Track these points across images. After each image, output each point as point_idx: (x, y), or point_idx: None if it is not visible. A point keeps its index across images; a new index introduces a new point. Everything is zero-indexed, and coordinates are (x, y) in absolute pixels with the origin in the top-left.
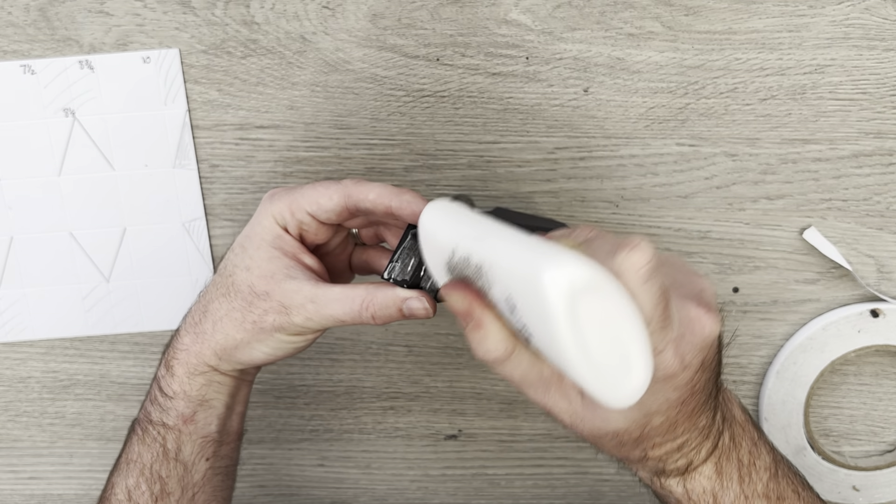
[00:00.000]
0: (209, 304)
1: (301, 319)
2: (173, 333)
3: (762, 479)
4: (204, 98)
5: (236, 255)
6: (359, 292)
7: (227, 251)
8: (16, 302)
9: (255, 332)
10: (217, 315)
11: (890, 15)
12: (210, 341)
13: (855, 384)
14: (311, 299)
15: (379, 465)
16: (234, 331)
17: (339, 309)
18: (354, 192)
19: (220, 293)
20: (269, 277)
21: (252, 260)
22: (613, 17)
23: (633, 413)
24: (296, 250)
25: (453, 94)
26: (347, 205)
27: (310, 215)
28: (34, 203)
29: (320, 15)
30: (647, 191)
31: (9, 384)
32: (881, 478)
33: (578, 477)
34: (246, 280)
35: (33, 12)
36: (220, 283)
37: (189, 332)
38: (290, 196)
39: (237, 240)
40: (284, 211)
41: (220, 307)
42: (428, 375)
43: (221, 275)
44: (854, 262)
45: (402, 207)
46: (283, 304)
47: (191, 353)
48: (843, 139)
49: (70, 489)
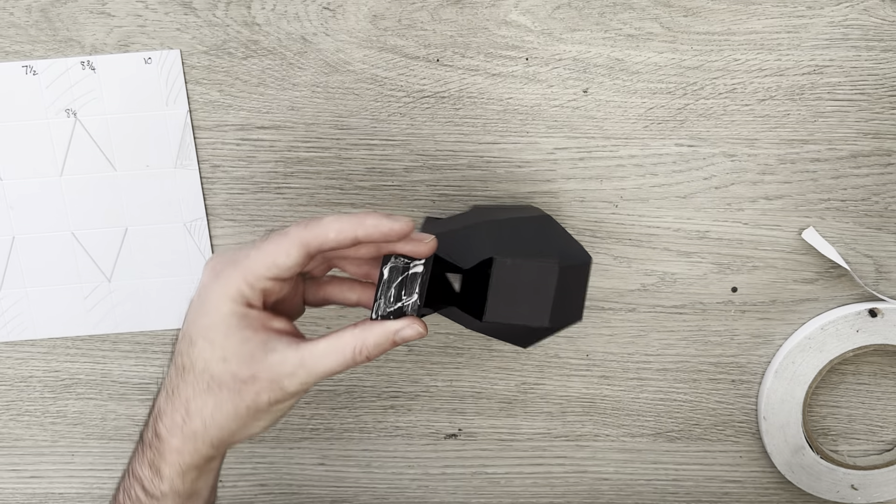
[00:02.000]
0: (189, 404)
1: (295, 387)
2: (147, 433)
3: None
4: (205, 98)
5: (202, 349)
6: (347, 340)
7: (182, 343)
8: (18, 301)
9: (251, 415)
10: (205, 413)
11: (888, 16)
12: (204, 438)
13: (853, 383)
14: (300, 364)
15: (379, 464)
16: (229, 422)
17: (331, 363)
18: (310, 238)
19: (199, 389)
20: (249, 360)
21: (225, 350)
22: (613, 19)
23: None
24: (264, 321)
25: (453, 94)
26: (309, 252)
27: (270, 280)
28: (36, 203)
29: (321, 16)
30: (646, 191)
31: (10, 383)
32: (879, 477)
33: (577, 476)
34: (226, 371)
35: (35, 13)
36: (195, 379)
37: (175, 434)
38: (242, 267)
39: (192, 330)
40: (242, 287)
41: (205, 404)
42: (428, 375)
43: (192, 371)
44: (852, 261)
45: (370, 234)
46: (273, 380)
47: (184, 454)
48: (842, 139)
49: (72, 488)
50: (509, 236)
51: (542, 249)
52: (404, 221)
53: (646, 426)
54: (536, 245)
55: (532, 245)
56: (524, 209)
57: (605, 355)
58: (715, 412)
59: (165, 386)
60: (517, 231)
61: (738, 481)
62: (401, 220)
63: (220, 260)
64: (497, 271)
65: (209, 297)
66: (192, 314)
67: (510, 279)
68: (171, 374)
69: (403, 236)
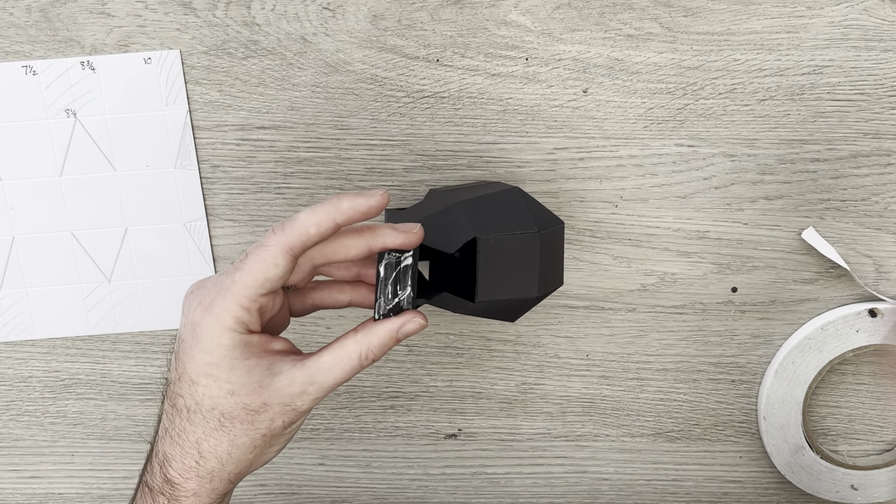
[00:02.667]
0: (201, 445)
1: (308, 404)
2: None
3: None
4: (205, 99)
5: (207, 387)
6: (350, 347)
7: (181, 385)
8: (18, 301)
9: (267, 443)
10: (220, 451)
11: (888, 16)
12: (221, 476)
13: (853, 384)
14: (309, 381)
15: (379, 464)
16: (247, 455)
17: (340, 374)
18: (293, 240)
19: (210, 428)
20: (258, 389)
21: (231, 383)
22: (612, 19)
23: None
24: (265, 345)
25: (453, 94)
26: (295, 255)
27: (264, 296)
28: (36, 203)
29: (321, 16)
30: (645, 191)
31: (10, 383)
32: (879, 477)
33: (577, 476)
34: (236, 404)
35: (35, 13)
36: (203, 419)
37: (190, 478)
38: (233, 293)
39: (192, 369)
40: (239, 313)
41: (219, 442)
42: (428, 375)
43: (198, 411)
44: (852, 262)
45: (350, 216)
46: (285, 403)
47: (201, 496)
48: (842, 140)
49: (72, 488)
50: (486, 213)
51: (519, 221)
52: (380, 194)
53: (646, 426)
54: (513, 218)
55: (509, 218)
56: (487, 185)
57: (605, 355)
58: (715, 412)
59: (167, 430)
60: (492, 207)
61: (738, 481)
62: (376, 194)
63: (205, 292)
64: (482, 250)
65: (205, 332)
66: (188, 353)
67: (496, 255)
68: (173, 417)
69: (382, 209)
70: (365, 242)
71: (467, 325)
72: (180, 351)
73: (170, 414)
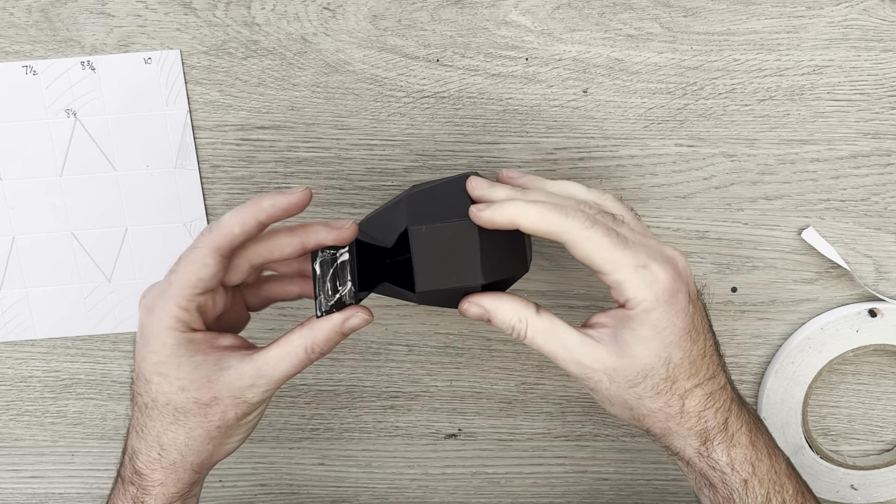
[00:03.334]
0: (161, 438)
1: (258, 396)
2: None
3: (784, 460)
4: (205, 99)
5: (159, 384)
6: (296, 341)
7: (139, 383)
8: (18, 301)
9: (223, 434)
10: (178, 443)
11: (888, 16)
12: (184, 466)
13: (853, 384)
14: (258, 374)
15: (379, 464)
16: (205, 445)
17: (287, 367)
18: (219, 240)
19: (167, 423)
20: (206, 383)
21: (181, 380)
22: (612, 19)
23: (652, 344)
24: (211, 341)
25: (453, 94)
26: (223, 255)
27: (200, 295)
28: (36, 203)
29: (321, 16)
30: (645, 191)
31: (11, 383)
32: (879, 477)
33: (577, 476)
34: (188, 399)
35: (35, 13)
36: (160, 414)
37: (155, 469)
38: (169, 294)
39: (145, 368)
40: (177, 313)
41: (177, 435)
42: (428, 375)
43: (155, 407)
44: (852, 261)
45: (272, 214)
46: (235, 395)
47: (167, 485)
48: (841, 140)
49: (72, 488)
50: (427, 204)
51: (461, 208)
52: (300, 191)
53: None
54: (456, 206)
55: (451, 207)
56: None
57: None
58: None
59: (133, 425)
60: (434, 197)
61: None
62: (296, 192)
63: (150, 295)
64: (414, 240)
65: (151, 333)
66: (140, 353)
67: (430, 245)
68: (136, 414)
69: (304, 205)
70: (298, 241)
71: (467, 325)
72: (135, 352)
73: (133, 410)
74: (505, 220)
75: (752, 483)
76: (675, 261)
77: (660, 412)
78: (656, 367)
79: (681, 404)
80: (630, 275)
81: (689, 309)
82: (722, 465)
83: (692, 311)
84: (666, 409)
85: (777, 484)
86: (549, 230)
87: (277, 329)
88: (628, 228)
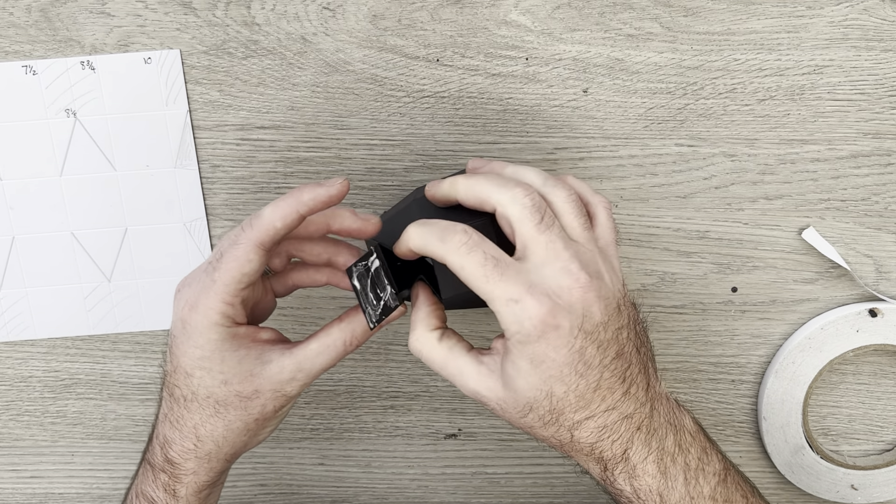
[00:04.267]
0: (199, 430)
1: (296, 390)
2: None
3: (710, 483)
4: (205, 98)
5: (201, 378)
6: (336, 335)
7: (177, 376)
8: (18, 301)
9: (259, 425)
10: (216, 434)
11: (888, 16)
12: (218, 456)
13: (853, 383)
14: (298, 368)
15: (379, 464)
16: (241, 437)
17: (325, 360)
18: (262, 236)
19: (207, 415)
20: (249, 377)
21: (224, 374)
22: (612, 18)
23: (531, 378)
24: (253, 335)
25: (453, 94)
26: (266, 250)
27: (245, 289)
28: (36, 203)
29: (321, 16)
30: (646, 191)
31: (10, 383)
32: (879, 477)
33: (577, 476)
34: (230, 392)
35: (35, 13)
36: (200, 407)
37: (189, 459)
38: (214, 290)
39: (186, 362)
40: (224, 308)
41: (215, 427)
42: (428, 374)
43: (195, 400)
44: (852, 261)
45: (313, 207)
46: (275, 389)
47: (199, 474)
48: (842, 139)
49: (71, 488)
50: (436, 208)
51: (469, 212)
52: (339, 183)
53: None
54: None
55: (465, 209)
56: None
57: None
58: (715, 412)
59: (167, 415)
60: None
61: None
62: (335, 184)
63: (190, 291)
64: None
65: (195, 328)
66: (180, 348)
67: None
68: (171, 405)
69: (342, 197)
70: (324, 220)
71: (467, 326)
72: (173, 346)
73: (168, 401)
74: (400, 244)
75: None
76: (566, 293)
77: (552, 439)
78: (539, 399)
79: (570, 435)
80: (501, 308)
81: (577, 343)
82: (627, 494)
83: (580, 346)
84: (556, 437)
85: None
86: (429, 254)
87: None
88: (551, 235)
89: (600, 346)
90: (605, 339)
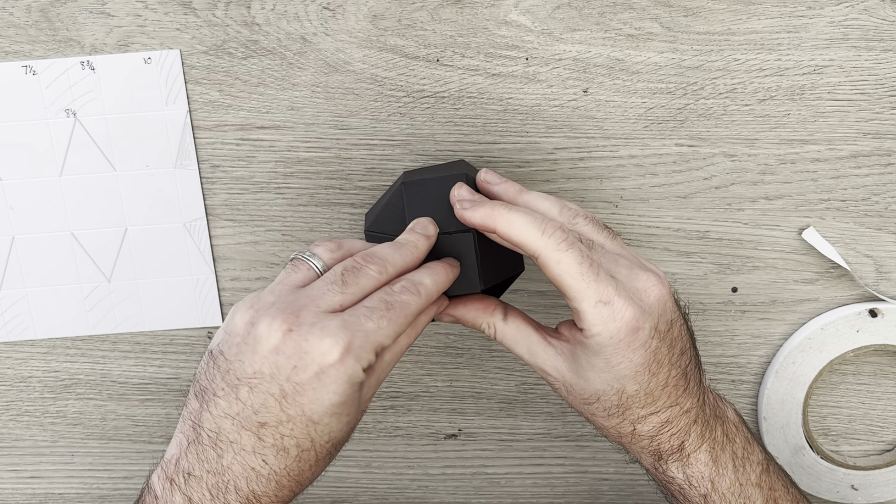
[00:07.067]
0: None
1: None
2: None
3: (755, 471)
4: (205, 98)
5: (328, 424)
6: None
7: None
8: (17, 302)
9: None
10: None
11: (888, 16)
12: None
13: (853, 384)
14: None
15: (379, 464)
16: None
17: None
18: (422, 307)
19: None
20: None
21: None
22: (613, 18)
23: (605, 374)
24: None
25: (453, 94)
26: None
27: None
28: (36, 203)
29: (321, 16)
30: (646, 191)
31: (10, 384)
32: (879, 477)
33: (578, 476)
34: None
35: (35, 13)
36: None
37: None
38: (370, 342)
39: (318, 410)
40: (372, 358)
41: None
42: (428, 375)
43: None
44: (852, 262)
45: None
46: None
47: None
48: (842, 139)
49: (71, 488)
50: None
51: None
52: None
53: None
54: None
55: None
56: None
57: None
58: None
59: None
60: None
61: None
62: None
63: (346, 334)
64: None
65: (335, 378)
66: (308, 395)
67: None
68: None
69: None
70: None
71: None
72: (295, 394)
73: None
74: (483, 223)
75: (712, 498)
76: (645, 294)
77: (612, 430)
78: (608, 393)
79: (632, 428)
80: (590, 308)
81: (652, 344)
82: (679, 481)
83: (655, 346)
84: (616, 429)
85: (741, 497)
86: (523, 243)
87: None
88: (601, 252)
89: (670, 344)
90: (673, 337)
